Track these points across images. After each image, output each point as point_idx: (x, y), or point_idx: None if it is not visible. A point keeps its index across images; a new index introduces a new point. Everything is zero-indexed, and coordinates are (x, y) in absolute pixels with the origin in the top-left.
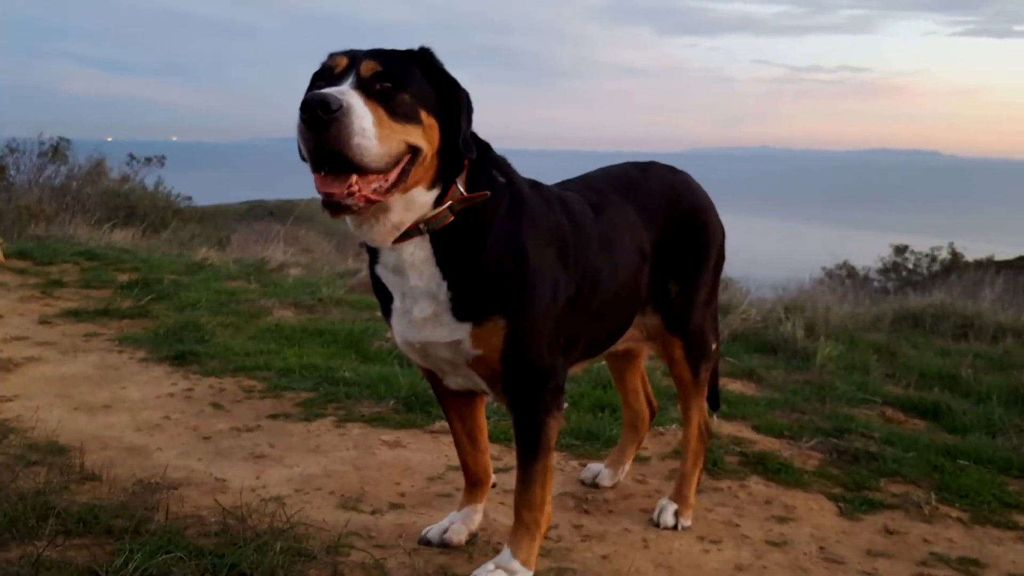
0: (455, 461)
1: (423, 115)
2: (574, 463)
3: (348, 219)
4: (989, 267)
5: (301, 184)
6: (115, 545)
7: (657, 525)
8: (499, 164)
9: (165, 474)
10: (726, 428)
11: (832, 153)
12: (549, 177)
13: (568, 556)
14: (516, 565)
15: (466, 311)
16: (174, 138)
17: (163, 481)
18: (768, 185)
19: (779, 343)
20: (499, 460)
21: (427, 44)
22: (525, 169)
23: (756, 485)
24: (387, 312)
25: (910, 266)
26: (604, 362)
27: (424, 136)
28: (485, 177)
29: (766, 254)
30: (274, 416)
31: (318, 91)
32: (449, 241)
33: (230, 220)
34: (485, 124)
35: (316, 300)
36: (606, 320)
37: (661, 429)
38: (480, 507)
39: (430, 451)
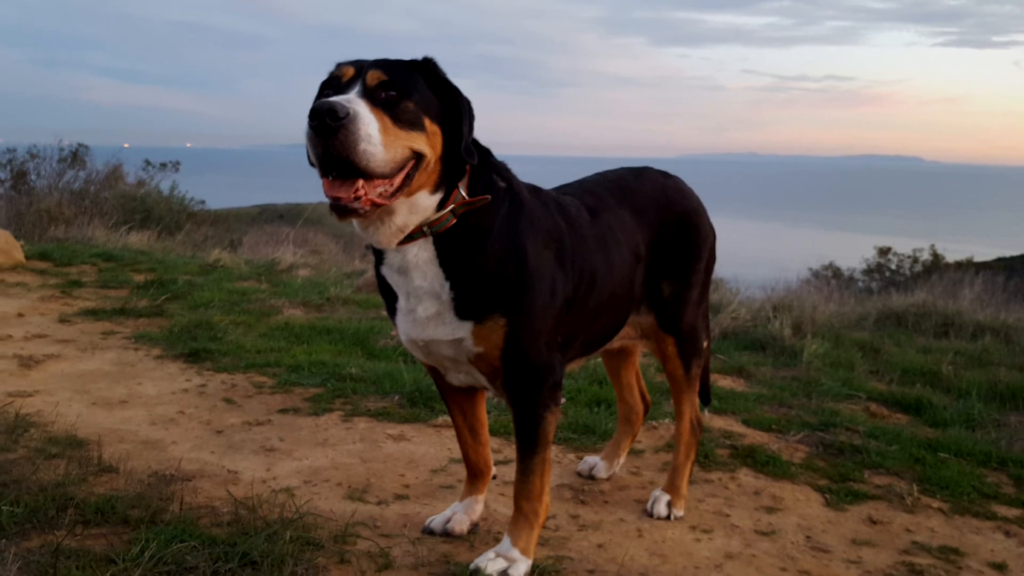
0: (457, 454)
1: (427, 122)
2: (571, 456)
3: (355, 222)
4: (969, 268)
5: (310, 188)
6: (131, 534)
7: (651, 515)
8: (499, 169)
9: (179, 466)
10: (717, 422)
11: (818, 159)
12: (547, 182)
13: (565, 545)
14: (516, 553)
15: (468, 310)
16: (188, 144)
17: (178, 473)
18: (757, 189)
19: (767, 341)
20: (499, 453)
21: (430, 54)
22: (524, 174)
23: (745, 477)
24: (392, 311)
25: (893, 267)
26: (600, 359)
27: (428, 142)
28: (486, 182)
29: (755, 255)
30: (284, 411)
31: (326, 99)
32: (451, 243)
33: (242, 223)
34: (486, 131)
35: (324, 300)
36: (602, 318)
37: (654, 423)
38: (481, 498)
39: (433, 444)
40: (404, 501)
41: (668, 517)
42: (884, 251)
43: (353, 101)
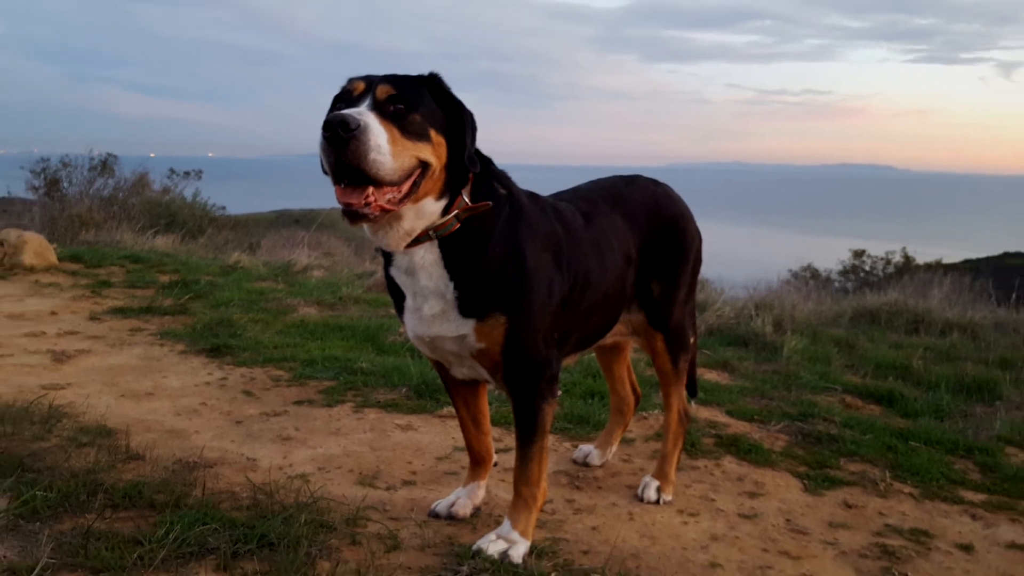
0: (461, 443)
1: (432, 133)
2: (567, 444)
3: (365, 226)
4: (938, 269)
5: (323, 195)
6: (157, 518)
7: (641, 500)
8: (500, 177)
9: (202, 454)
10: (703, 413)
11: (797, 168)
12: (544, 189)
13: (562, 527)
14: (515, 535)
15: (471, 308)
16: (210, 154)
17: (200, 460)
18: (740, 196)
19: (750, 337)
20: (500, 442)
21: (435, 70)
22: (523, 181)
23: (729, 464)
24: (400, 309)
25: (867, 268)
26: (594, 354)
27: (433, 152)
28: (487, 189)
29: (738, 258)
30: (299, 402)
31: (338, 112)
32: (455, 246)
33: (260, 227)
34: (487, 141)
35: (337, 299)
36: (596, 316)
37: (644, 414)
38: (483, 483)
39: (438, 434)
40: (411, 487)
41: (657, 501)
42: (859, 253)
43: (364, 114)
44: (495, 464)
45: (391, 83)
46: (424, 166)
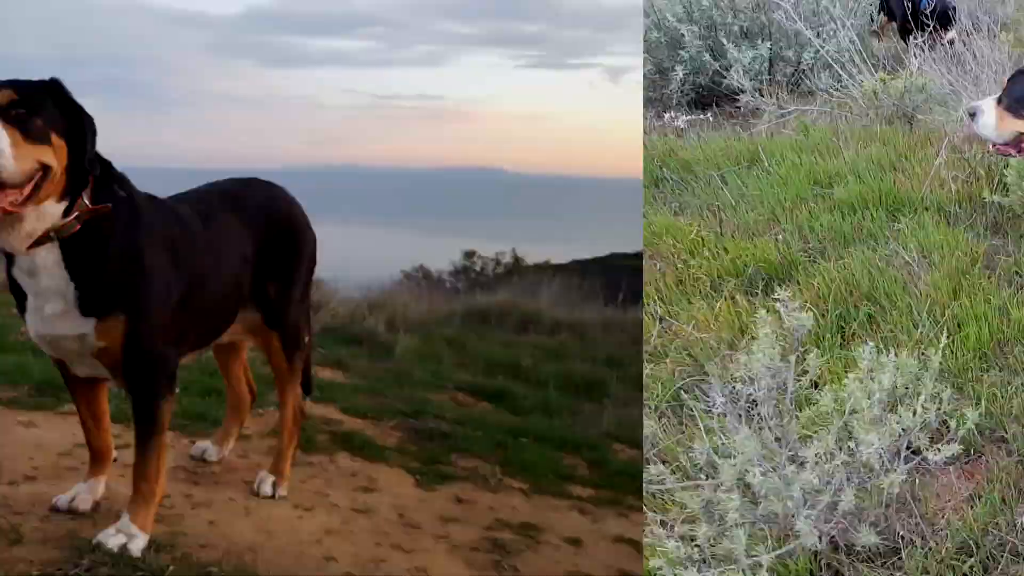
0: (81, 439)
1: (53, 138)
2: (185, 440)
3: None
4: (547, 270)
5: None
6: None
7: (257, 494)
8: (120, 180)
9: None
10: (317, 410)
11: (410, 170)
12: (164, 191)
13: (180, 522)
14: (134, 529)
15: (91, 308)
16: None
17: None
18: (355, 198)
19: (364, 336)
20: (120, 438)
21: (58, 75)
22: (143, 184)
23: (344, 460)
24: (22, 309)
25: (478, 269)
26: (211, 352)
27: (54, 156)
28: (108, 191)
29: (353, 258)
30: None
31: None
32: (76, 247)
33: None
34: (108, 145)
35: None
36: (213, 316)
37: (261, 411)
38: (103, 479)
39: (60, 430)
40: (33, 482)
41: (273, 496)
42: (469, 254)
43: None
44: (115, 460)
45: (13, 88)
46: (45, 169)
